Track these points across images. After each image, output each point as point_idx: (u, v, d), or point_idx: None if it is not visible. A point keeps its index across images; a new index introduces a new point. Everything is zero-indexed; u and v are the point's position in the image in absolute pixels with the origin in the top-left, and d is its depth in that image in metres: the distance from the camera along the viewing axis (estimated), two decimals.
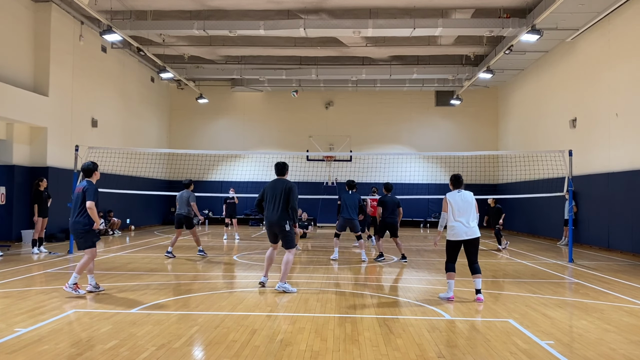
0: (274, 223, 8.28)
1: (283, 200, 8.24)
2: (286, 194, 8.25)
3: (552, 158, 16.75)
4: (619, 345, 5.47)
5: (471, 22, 16.56)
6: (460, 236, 7.61)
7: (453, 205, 7.67)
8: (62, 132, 17.19)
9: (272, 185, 8.47)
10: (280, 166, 8.67)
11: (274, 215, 8.25)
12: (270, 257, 8.55)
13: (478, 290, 7.73)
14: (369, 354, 5.06)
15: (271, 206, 8.31)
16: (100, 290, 7.98)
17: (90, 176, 8.14)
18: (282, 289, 8.11)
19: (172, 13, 17.38)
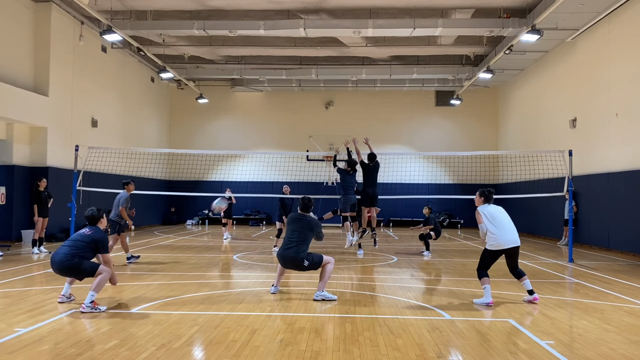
0: (288, 262, 7.72)
1: (303, 240, 7.68)
2: (310, 235, 7.76)
3: (552, 158, 16.74)
4: (619, 345, 5.47)
5: (471, 22, 16.56)
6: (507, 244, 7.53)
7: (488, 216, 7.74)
8: (62, 132, 17.19)
9: (293, 221, 7.88)
10: (306, 202, 8.02)
11: (290, 255, 7.64)
12: (283, 270, 8.07)
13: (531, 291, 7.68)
14: (369, 354, 5.06)
15: (288, 242, 7.71)
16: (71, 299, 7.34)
17: (96, 223, 7.30)
18: (321, 297, 7.59)
19: (172, 13, 17.39)
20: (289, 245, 7.66)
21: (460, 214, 26.43)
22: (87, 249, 6.92)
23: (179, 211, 26.89)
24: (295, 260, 7.60)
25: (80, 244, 6.93)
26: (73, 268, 6.83)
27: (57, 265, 6.82)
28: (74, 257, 6.81)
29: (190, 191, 22.78)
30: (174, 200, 26.36)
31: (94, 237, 6.99)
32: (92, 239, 6.95)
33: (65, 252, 6.83)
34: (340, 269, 11.04)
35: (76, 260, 6.82)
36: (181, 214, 26.83)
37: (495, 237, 7.51)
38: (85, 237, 6.99)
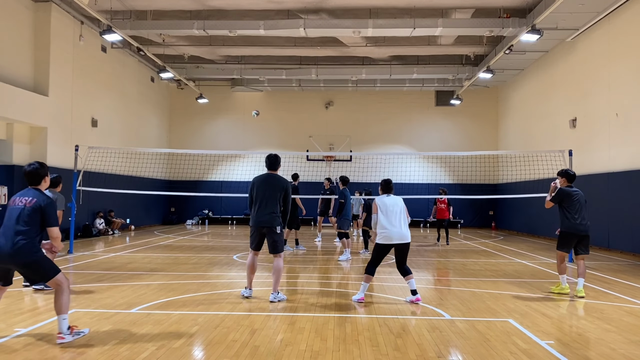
0: (263, 224, 7.38)
1: (278, 199, 7.43)
2: (281, 194, 7.45)
3: (552, 158, 16.74)
4: (619, 345, 5.47)
5: (471, 22, 16.56)
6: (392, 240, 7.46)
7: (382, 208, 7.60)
8: (62, 132, 17.19)
9: (263, 181, 7.53)
10: (272, 159, 7.69)
11: (264, 216, 7.35)
12: (253, 265, 7.62)
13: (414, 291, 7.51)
14: (369, 354, 5.06)
15: (262, 205, 7.38)
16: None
17: (39, 184, 5.54)
18: (277, 299, 7.39)
19: (172, 13, 17.38)
20: (264, 210, 7.41)
21: (460, 214, 26.41)
22: (34, 224, 5.20)
23: (179, 211, 26.89)
24: (272, 224, 7.39)
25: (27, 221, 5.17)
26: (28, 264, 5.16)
27: (9, 257, 5.09)
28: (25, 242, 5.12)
29: (190, 191, 22.81)
30: (174, 200, 26.36)
31: (38, 201, 5.26)
32: (35, 207, 5.22)
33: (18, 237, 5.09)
34: (340, 268, 11.05)
35: (28, 247, 5.11)
36: (181, 214, 26.84)
37: (386, 230, 7.45)
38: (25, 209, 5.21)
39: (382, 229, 7.47)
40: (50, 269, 5.29)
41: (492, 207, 26.58)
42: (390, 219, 7.49)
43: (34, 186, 5.50)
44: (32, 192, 5.40)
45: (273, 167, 7.68)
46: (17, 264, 5.16)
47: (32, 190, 5.43)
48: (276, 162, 7.70)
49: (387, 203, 7.63)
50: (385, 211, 7.54)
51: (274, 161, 7.70)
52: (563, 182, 8.49)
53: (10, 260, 5.11)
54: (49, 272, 5.27)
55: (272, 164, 7.69)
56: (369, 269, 7.52)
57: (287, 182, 7.59)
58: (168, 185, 24.70)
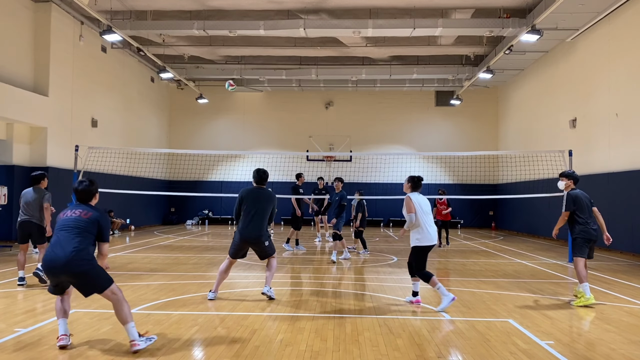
0: (252, 239, 7.46)
1: (267, 214, 7.55)
2: (270, 208, 7.59)
3: (552, 158, 16.74)
4: (619, 345, 5.47)
5: (471, 22, 16.56)
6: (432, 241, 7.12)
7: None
8: (62, 132, 17.19)
9: (254, 197, 7.54)
10: (262, 174, 7.75)
11: (254, 231, 7.41)
12: (227, 271, 7.65)
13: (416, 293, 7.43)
14: (369, 354, 5.06)
15: (253, 220, 7.41)
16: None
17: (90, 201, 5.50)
18: (270, 293, 7.54)
19: (172, 13, 17.39)
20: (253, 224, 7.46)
21: (460, 214, 26.42)
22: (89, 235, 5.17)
23: (179, 211, 26.90)
24: (261, 238, 7.50)
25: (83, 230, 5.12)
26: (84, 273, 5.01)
27: (63, 267, 4.93)
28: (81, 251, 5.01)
29: (190, 191, 22.80)
30: (174, 200, 26.37)
31: (98, 219, 5.24)
32: (95, 220, 5.21)
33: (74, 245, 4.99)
34: (340, 269, 11.05)
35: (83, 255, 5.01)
36: (181, 214, 26.84)
37: (425, 231, 7.01)
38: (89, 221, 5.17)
39: (422, 229, 7.00)
40: (105, 279, 5.08)
41: (492, 207, 26.58)
42: (428, 219, 7.09)
43: (85, 203, 5.39)
44: (84, 206, 5.33)
45: (262, 182, 7.73)
46: (71, 273, 4.96)
47: (84, 205, 5.35)
48: (266, 177, 7.78)
49: (422, 202, 7.16)
50: (421, 211, 7.07)
51: (263, 176, 7.75)
52: (569, 185, 8.15)
53: (64, 269, 4.92)
54: (104, 283, 5.05)
55: (262, 179, 7.74)
56: (425, 274, 7.05)
57: (275, 196, 7.72)
58: (168, 185, 24.70)
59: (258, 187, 7.70)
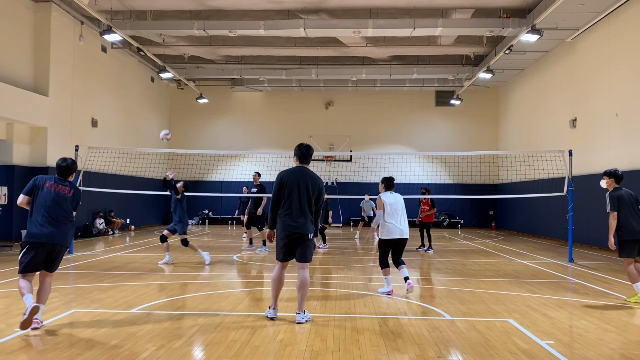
0: (298, 231, 6.09)
1: (311, 199, 6.17)
2: (316, 193, 6.21)
3: (552, 158, 16.74)
4: (619, 345, 5.47)
5: (471, 22, 16.56)
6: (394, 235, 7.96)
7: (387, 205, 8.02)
8: (62, 132, 17.19)
9: (296, 176, 6.17)
10: (305, 150, 6.36)
11: (301, 219, 6.08)
12: (281, 279, 6.32)
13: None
14: (369, 354, 5.06)
15: (297, 206, 6.08)
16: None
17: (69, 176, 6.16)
18: (305, 320, 6.19)
19: (172, 13, 17.39)
20: (299, 212, 6.16)
21: (460, 214, 26.44)
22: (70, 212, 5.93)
23: None
24: (307, 229, 6.20)
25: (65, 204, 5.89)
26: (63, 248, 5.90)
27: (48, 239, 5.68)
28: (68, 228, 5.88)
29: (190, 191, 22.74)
30: None
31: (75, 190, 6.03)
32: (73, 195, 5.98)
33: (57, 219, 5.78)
34: (340, 269, 11.05)
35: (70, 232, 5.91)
36: None
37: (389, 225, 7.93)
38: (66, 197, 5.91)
39: (387, 225, 7.90)
40: None
41: (492, 207, 26.58)
42: (393, 216, 7.93)
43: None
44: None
45: (306, 160, 6.39)
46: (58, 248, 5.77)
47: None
48: (309, 154, 6.40)
49: (393, 201, 8.03)
50: (390, 209, 7.94)
51: (306, 152, 6.38)
52: (611, 183, 8.04)
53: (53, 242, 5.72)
54: None
55: (305, 155, 6.38)
56: (383, 262, 8.08)
57: (322, 181, 6.44)
58: None
59: (301, 166, 6.37)
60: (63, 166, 6.04)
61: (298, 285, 6.22)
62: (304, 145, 6.40)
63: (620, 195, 7.83)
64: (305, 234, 6.12)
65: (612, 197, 7.85)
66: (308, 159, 6.39)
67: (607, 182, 8.13)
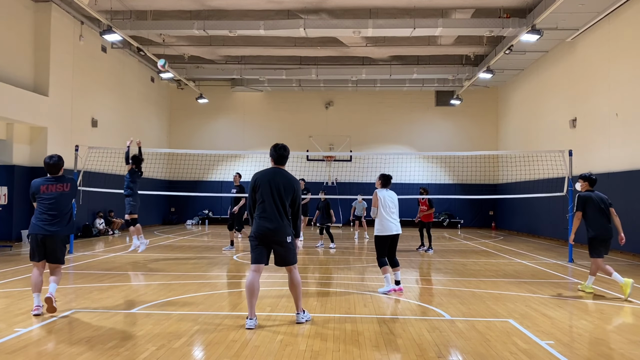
0: (272, 234, 5.91)
1: (285, 201, 6.00)
2: (290, 194, 6.04)
3: (552, 158, 16.74)
4: (619, 345, 5.47)
5: (471, 22, 16.56)
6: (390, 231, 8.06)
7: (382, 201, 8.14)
8: (62, 132, 17.19)
9: (268, 178, 6.02)
10: (280, 151, 6.16)
11: (276, 222, 5.91)
12: (256, 286, 5.94)
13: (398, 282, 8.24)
14: (369, 354, 5.06)
15: (271, 209, 5.91)
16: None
17: (59, 172, 6.65)
18: (305, 319, 6.19)
19: (172, 13, 17.39)
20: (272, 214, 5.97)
21: (460, 214, 26.44)
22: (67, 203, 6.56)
23: (179, 211, 26.89)
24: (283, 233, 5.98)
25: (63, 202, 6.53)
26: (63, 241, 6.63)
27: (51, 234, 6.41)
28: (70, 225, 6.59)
29: (190, 191, 22.79)
30: (174, 200, 26.37)
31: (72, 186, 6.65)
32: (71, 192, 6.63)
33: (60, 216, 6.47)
34: (340, 269, 11.05)
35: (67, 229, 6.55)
36: (181, 214, 26.83)
37: (386, 222, 8.04)
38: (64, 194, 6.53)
39: (382, 221, 8.03)
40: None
41: (492, 207, 26.58)
42: (389, 212, 8.07)
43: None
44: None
45: (281, 161, 6.22)
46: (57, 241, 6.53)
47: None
48: (284, 154, 6.21)
49: (388, 198, 8.17)
50: (384, 205, 8.07)
51: (282, 153, 6.20)
52: (585, 186, 8.60)
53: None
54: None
55: (281, 156, 6.20)
56: (381, 260, 8.10)
57: (298, 181, 6.24)
58: (168, 185, 24.69)
59: (276, 167, 6.20)
60: (51, 164, 6.58)
61: (290, 286, 6.21)
62: (280, 145, 6.19)
63: (588, 197, 8.40)
64: (281, 238, 5.94)
65: (579, 198, 8.46)
66: (284, 160, 6.22)
67: (581, 184, 8.64)
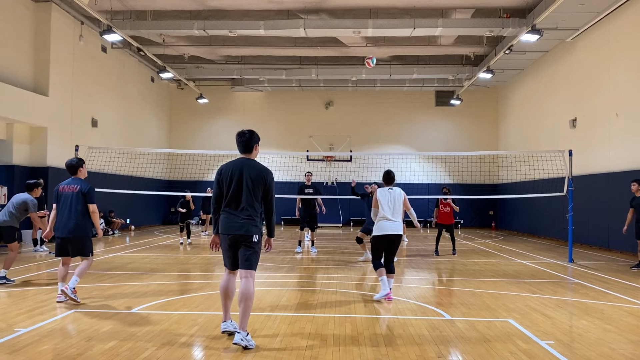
0: (240, 232, 5.24)
1: (254, 193, 5.30)
2: (260, 185, 5.33)
3: (552, 158, 16.74)
4: (619, 345, 5.47)
5: (471, 22, 16.56)
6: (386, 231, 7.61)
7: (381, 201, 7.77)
8: (62, 132, 17.19)
9: (235, 170, 5.32)
10: (246, 138, 5.42)
11: (243, 219, 5.25)
12: (230, 289, 5.44)
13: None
14: (369, 354, 5.06)
15: (238, 204, 5.27)
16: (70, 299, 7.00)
17: (76, 173, 7.28)
18: (245, 343, 5.10)
19: (172, 13, 17.39)
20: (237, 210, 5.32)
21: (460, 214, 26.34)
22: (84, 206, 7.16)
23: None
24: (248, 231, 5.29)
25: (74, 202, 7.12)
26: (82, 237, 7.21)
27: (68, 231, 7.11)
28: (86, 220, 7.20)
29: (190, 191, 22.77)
30: (174, 200, 26.30)
31: (81, 187, 7.17)
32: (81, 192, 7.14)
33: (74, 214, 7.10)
34: (340, 269, 11.05)
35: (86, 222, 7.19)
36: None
37: (380, 223, 7.67)
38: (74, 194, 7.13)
39: (379, 222, 7.67)
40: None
41: (492, 207, 26.59)
42: (387, 211, 7.67)
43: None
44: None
45: (248, 149, 5.47)
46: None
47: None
48: (252, 140, 5.46)
49: (387, 197, 7.81)
50: (384, 204, 7.72)
51: (249, 138, 5.46)
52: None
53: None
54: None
55: (244, 144, 5.46)
56: (376, 262, 7.70)
57: (269, 172, 5.47)
58: (168, 185, 24.69)
59: (243, 157, 5.48)
60: (67, 164, 7.36)
61: (239, 297, 5.22)
62: (242, 132, 5.47)
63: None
64: (248, 235, 5.25)
65: None
66: (249, 148, 5.44)
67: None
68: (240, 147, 5.48)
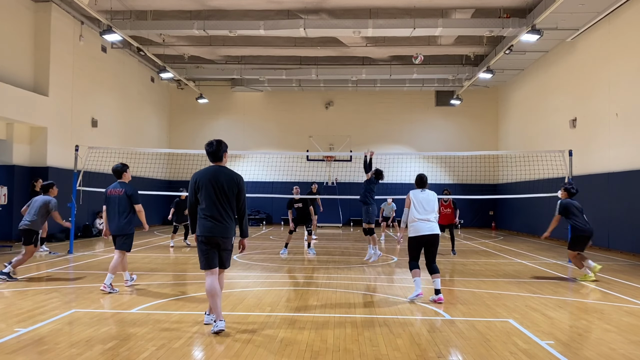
0: (219, 235, 5.69)
1: (228, 198, 5.77)
2: (234, 190, 5.81)
3: (552, 158, 16.74)
4: (619, 345, 5.47)
5: (471, 22, 16.56)
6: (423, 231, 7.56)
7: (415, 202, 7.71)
8: (62, 132, 17.19)
9: (209, 177, 5.79)
10: (215, 147, 5.91)
11: (221, 222, 5.69)
12: (215, 289, 5.75)
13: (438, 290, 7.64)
14: (369, 354, 5.06)
15: (215, 209, 5.69)
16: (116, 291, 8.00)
17: (121, 177, 8.51)
18: (218, 329, 5.62)
19: (172, 13, 17.39)
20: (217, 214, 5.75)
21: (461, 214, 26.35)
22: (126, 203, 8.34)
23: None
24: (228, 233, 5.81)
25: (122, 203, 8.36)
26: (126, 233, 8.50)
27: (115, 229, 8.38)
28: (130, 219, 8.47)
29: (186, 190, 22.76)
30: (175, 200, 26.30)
31: (125, 190, 8.32)
32: (126, 194, 8.30)
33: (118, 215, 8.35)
34: (340, 269, 11.05)
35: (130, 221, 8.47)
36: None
37: (415, 224, 7.61)
38: (121, 197, 8.33)
39: (413, 223, 7.57)
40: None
41: (492, 207, 26.58)
42: (422, 213, 7.60)
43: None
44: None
45: (218, 157, 5.97)
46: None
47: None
48: (220, 150, 5.94)
49: (421, 199, 7.72)
50: (418, 206, 7.62)
51: (217, 149, 5.93)
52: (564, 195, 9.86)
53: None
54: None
55: (216, 153, 5.95)
56: (412, 263, 7.68)
57: (240, 177, 5.99)
58: (168, 185, 24.68)
59: (215, 165, 5.99)
60: (114, 169, 8.62)
61: (219, 292, 5.76)
62: (211, 142, 5.95)
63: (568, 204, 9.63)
64: (226, 237, 5.74)
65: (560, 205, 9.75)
66: (219, 156, 5.94)
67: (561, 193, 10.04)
68: (210, 156, 6.03)
